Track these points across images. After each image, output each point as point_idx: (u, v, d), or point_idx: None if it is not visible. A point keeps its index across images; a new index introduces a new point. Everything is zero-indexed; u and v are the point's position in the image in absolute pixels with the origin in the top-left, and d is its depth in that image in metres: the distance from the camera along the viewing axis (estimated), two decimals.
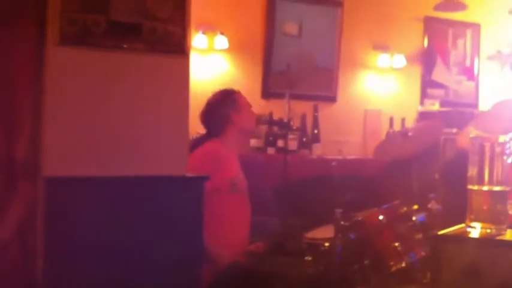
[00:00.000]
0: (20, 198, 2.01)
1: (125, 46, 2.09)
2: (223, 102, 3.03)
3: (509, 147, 1.64)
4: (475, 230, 1.63)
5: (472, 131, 2.38)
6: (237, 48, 4.35)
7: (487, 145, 1.66)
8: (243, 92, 3.15)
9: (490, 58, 5.49)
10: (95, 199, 2.05)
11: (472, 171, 1.70)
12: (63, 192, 2.00)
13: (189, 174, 2.26)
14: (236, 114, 3.01)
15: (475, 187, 1.68)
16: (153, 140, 2.19)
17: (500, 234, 1.61)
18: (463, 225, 1.70)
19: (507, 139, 1.65)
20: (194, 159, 2.60)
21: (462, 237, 1.61)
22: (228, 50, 4.31)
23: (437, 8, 4.91)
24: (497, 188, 1.65)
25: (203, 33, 4.17)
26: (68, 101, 2.05)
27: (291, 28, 4.57)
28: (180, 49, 2.18)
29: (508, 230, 1.63)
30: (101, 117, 2.10)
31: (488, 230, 1.61)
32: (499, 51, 5.43)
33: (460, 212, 1.88)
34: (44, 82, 2.05)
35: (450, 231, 1.68)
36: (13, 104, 2.02)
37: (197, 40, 4.11)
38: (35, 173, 2.03)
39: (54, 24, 2.01)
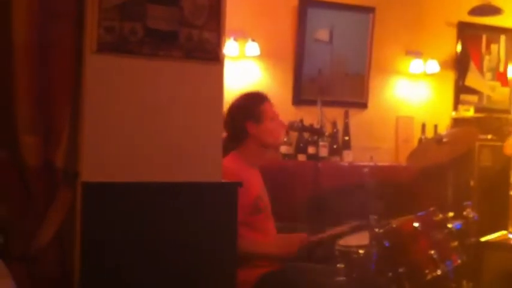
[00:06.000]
0: (59, 204, 2.04)
1: (162, 53, 2.11)
2: (243, 110, 2.72)
3: None
4: None
5: None
6: (268, 55, 4.36)
7: None
8: (274, 99, 2.88)
9: None
10: (132, 205, 2.07)
11: None
12: (101, 197, 2.03)
13: (223, 181, 2.26)
14: (255, 126, 2.70)
15: None
16: (187, 146, 2.20)
17: None
18: (504, 232, 1.66)
19: None
20: None
21: (505, 245, 1.58)
22: (259, 57, 4.33)
23: (472, 12, 4.85)
24: None
25: (235, 40, 4.19)
26: (105, 108, 2.08)
27: (322, 34, 4.57)
28: (215, 56, 2.20)
29: None
30: (138, 124, 2.12)
31: None
32: None
33: (498, 220, 1.84)
34: (82, 90, 2.08)
35: (492, 238, 1.65)
36: (52, 111, 2.06)
37: (229, 47, 4.13)
38: (73, 179, 2.06)
39: (92, 32, 2.04)
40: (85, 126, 2.06)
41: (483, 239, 1.60)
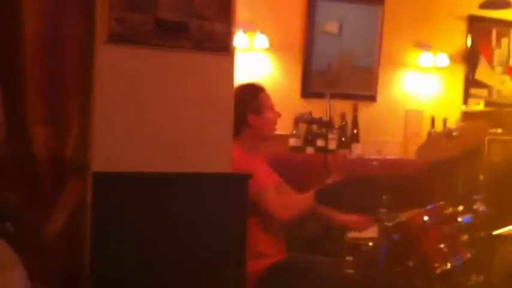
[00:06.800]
0: (69, 194, 2.05)
1: (172, 44, 2.11)
2: (242, 102, 2.66)
3: None
4: None
5: None
6: (277, 47, 4.35)
7: None
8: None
9: None
10: (141, 195, 2.07)
11: None
12: (111, 188, 2.03)
13: (233, 172, 2.26)
14: (255, 117, 2.71)
15: None
16: (198, 137, 2.20)
17: None
18: None
19: None
20: None
21: None
22: (268, 49, 4.32)
23: (482, 5, 4.82)
24: None
25: (244, 32, 4.18)
26: (115, 98, 2.08)
27: (332, 27, 4.55)
28: (225, 47, 2.19)
29: None
30: (148, 114, 2.12)
31: None
32: None
33: (508, 214, 1.83)
34: (92, 80, 2.08)
35: (502, 232, 1.64)
36: (63, 102, 2.06)
37: (238, 39, 4.12)
38: (83, 170, 2.07)
39: (102, 23, 2.05)
40: (95, 117, 2.06)
41: (494, 233, 1.59)
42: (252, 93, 2.78)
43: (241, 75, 4.13)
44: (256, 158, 2.78)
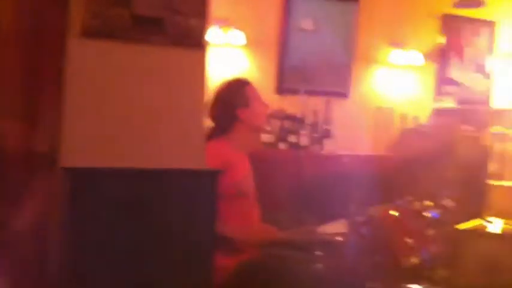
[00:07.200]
0: (38, 189, 2.03)
1: (147, 40, 2.11)
2: (231, 97, 2.75)
3: None
4: (495, 225, 1.64)
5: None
6: (252, 43, 4.37)
7: (508, 140, 1.67)
8: (257, 88, 2.90)
9: (505, 56, 5.47)
10: (112, 190, 2.06)
11: (493, 166, 1.70)
12: (81, 183, 2.02)
13: (207, 168, 2.28)
14: (244, 111, 2.74)
15: (496, 182, 1.69)
16: (170, 133, 2.20)
17: None
18: (480, 220, 1.71)
19: None
20: None
21: (481, 233, 1.63)
22: (244, 45, 4.33)
23: (456, 4, 4.90)
24: None
25: (220, 28, 4.19)
26: (88, 93, 2.07)
27: (307, 23, 4.59)
28: (199, 43, 2.20)
29: None
30: (120, 109, 2.11)
31: (509, 226, 1.62)
32: None
33: (474, 209, 1.89)
34: (65, 74, 2.07)
35: (468, 227, 1.69)
36: (35, 96, 2.05)
37: (214, 35, 4.13)
38: (53, 164, 2.05)
39: (77, 17, 2.04)
40: (68, 112, 2.05)
41: (459, 227, 1.65)
42: (239, 87, 2.81)
43: (217, 71, 4.19)
44: (241, 162, 2.78)
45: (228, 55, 4.32)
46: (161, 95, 2.19)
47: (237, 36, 4.25)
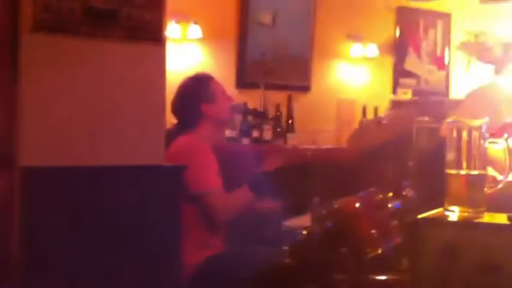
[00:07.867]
0: None
1: (101, 33, 2.05)
2: (195, 93, 2.74)
3: (486, 131, 1.67)
4: (454, 214, 1.65)
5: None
6: (210, 37, 4.33)
7: (465, 129, 1.68)
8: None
9: (460, 48, 5.57)
10: (71, 189, 2.03)
11: (450, 156, 1.72)
12: (39, 182, 1.97)
13: (166, 164, 2.24)
14: (210, 106, 2.73)
15: (453, 171, 1.70)
16: (129, 129, 2.16)
17: (478, 217, 1.63)
18: (441, 209, 1.72)
19: (484, 123, 1.68)
20: (171, 155, 2.46)
21: (441, 221, 1.64)
22: (202, 40, 4.29)
23: None
24: (474, 172, 1.67)
25: (176, 22, 4.13)
26: (43, 89, 2.01)
27: (265, 17, 4.57)
28: (156, 37, 2.16)
29: (486, 213, 1.66)
30: (77, 105, 2.06)
31: (466, 213, 1.63)
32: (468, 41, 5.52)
33: (435, 199, 1.91)
34: (17, 70, 2.00)
35: (428, 216, 1.70)
36: None
37: (171, 29, 4.07)
38: (10, 163, 1.99)
39: (27, 10, 1.96)
40: (22, 109, 1.98)
41: (420, 217, 1.66)
42: (203, 83, 2.80)
43: (175, 66, 4.14)
44: (212, 154, 2.76)
45: (186, 50, 4.27)
46: (118, 90, 2.14)
47: (195, 30, 4.20)
